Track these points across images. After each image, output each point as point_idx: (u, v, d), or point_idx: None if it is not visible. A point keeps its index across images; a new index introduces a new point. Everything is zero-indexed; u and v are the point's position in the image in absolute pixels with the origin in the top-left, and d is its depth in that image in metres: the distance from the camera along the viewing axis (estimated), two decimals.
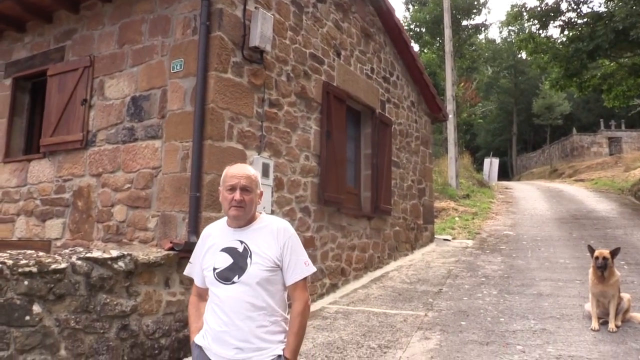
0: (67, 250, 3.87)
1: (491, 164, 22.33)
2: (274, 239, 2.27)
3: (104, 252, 3.83)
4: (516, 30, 32.98)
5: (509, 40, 41.08)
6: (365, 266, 7.37)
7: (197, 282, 2.39)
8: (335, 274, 6.58)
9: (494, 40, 44.69)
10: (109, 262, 3.76)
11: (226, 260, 2.24)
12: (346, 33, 7.18)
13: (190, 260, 2.45)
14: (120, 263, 3.83)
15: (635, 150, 29.75)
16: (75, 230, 5.50)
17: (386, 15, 8.24)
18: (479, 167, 25.44)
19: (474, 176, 20.85)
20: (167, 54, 5.14)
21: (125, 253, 3.93)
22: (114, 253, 3.85)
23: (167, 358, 4.16)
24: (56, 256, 3.55)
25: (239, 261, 2.22)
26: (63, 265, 3.48)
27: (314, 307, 5.91)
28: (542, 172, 32.80)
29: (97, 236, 5.31)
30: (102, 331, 3.66)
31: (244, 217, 2.28)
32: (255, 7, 5.23)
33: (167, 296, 4.26)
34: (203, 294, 2.36)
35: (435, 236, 10.29)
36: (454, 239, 10.46)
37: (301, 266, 2.28)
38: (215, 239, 2.33)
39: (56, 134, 5.80)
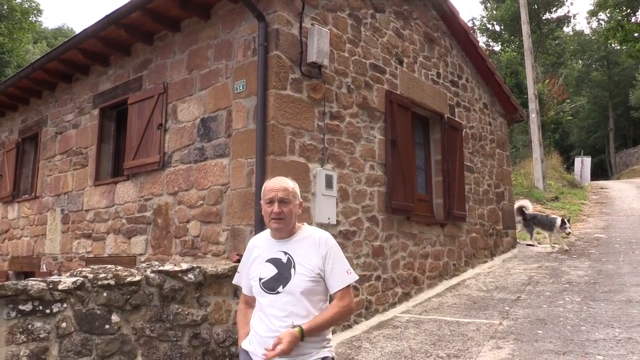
0: (143, 264, 4.18)
1: (582, 163, 21.01)
2: (316, 249, 2.36)
3: (174, 265, 4.10)
4: (606, 19, 30.86)
5: (599, 30, 38.52)
6: (440, 274, 7.23)
7: (245, 291, 2.53)
8: (408, 282, 6.52)
9: (582, 32, 42.07)
10: (180, 275, 4.02)
11: (271, 271, 2.35)
12: (408, 40, 7.15)
13: (238, 269, 2.60)
14: (190, 275, 4.08)
15: None
16: (156, 246, 5.91)
17: (450, 19, 8.10)
18: (572, 167, 23.99)
19: (564, 177, 19.73)
20: (230, 76, 5.42)
21: (195, 266, 4.17)
22: (184, 266, 4.11)
23: None
24: (132, 270, 3.85)
25: (283, 272, 2.33)
26: (137, 278, 3.77)
27: (385, 316, 5.90)
28: None
29: (175, 251, 5.67)
30: (175, 339, 3.91)
31: (284, 229, 2.38)
32: (312, 24, 5.37)
33: (236, 306, 4.41)
34: (250, 302, 2.49)
35: (518, 241, 9.85)
36: (538, 243, 9.95)
37: (343, 275, 2.35)
38: (260, 250, 2.46)
39: (137, 157, 6.28)
